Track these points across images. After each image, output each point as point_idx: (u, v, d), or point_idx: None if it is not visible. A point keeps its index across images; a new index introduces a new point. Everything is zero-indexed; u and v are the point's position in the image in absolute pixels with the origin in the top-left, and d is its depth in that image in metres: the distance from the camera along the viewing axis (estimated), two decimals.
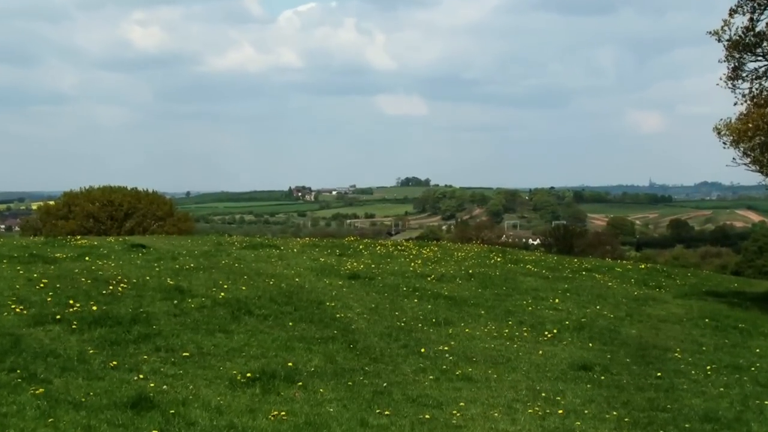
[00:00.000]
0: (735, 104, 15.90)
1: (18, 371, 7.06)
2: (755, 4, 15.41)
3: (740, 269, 47.41)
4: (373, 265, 16.14)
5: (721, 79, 15.76)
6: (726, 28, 15.54)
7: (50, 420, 6.00)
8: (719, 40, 15.67)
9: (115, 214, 28.57)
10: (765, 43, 15.44)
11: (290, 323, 10.11)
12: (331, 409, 6.91)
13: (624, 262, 25.47)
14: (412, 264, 16.90)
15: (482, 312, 12.24)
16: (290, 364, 8.14)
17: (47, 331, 8.50)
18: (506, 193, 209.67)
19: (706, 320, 13.08)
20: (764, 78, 15.67)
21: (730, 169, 15.83)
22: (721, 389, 8.65)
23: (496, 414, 7.20)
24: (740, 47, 15.52)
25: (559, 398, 7.86)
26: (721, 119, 15.77)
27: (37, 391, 6.55)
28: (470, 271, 16.29)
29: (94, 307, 9.50)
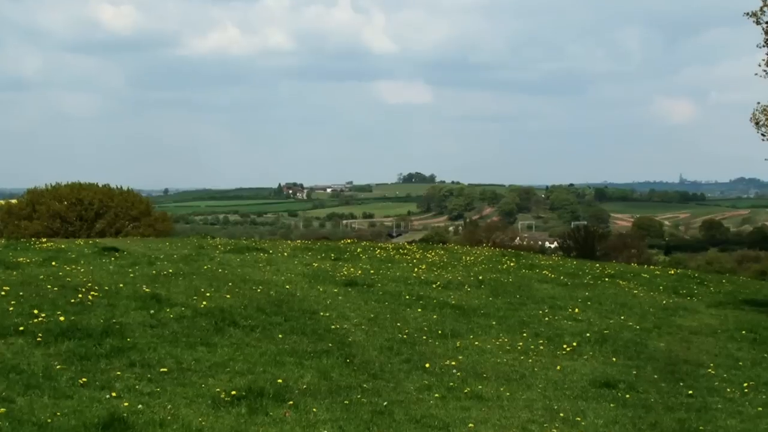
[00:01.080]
0: None
1: None
2: None
3: None
4: (372, 271, 16.18)
5: (759, 65, 15.74)
6: (765, 8, 15.52)
7: None
8: (758, 23, 15.65)
9: (85, 213, 28.57)
10: None
11: (280, 335, 10.12)
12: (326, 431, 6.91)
13: (651, 267, 25.50)
14: (416, 269, 16.93)
15: (493, 323, 12.25)
16: (280, 380, 8.15)
17: (9, 345, 8.50)
18: (520, 190, 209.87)
19: (743, 332, 13.08)
20: None
21: None
22: (760, 409, 8.65)
23: None
24: None
25: (579, 419, 7.86)
26: (759, 102, 15.73)
27: None
28: (480, 278, 16.32)
29: (62, 318, 9.50)
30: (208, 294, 11.88)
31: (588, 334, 11.81)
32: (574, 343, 11.19)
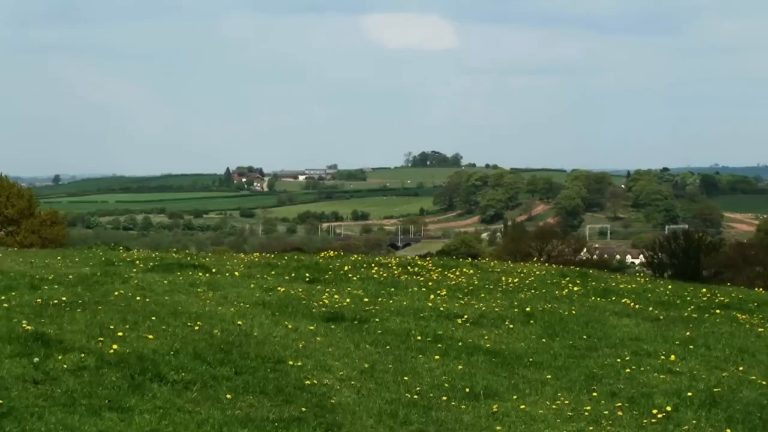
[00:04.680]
0: None
1: None
2: None
3: None
4: (366, 299, 16.18)
5: None
6: None
7: None
8: None
9: None
10: None
11: (228, 395, 10.13)
12: None
13: None
14: (432, 297, 16.94)
15: (548, 377, 12.27)
16: None
17: None
18: (587, 178, 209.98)
19: None
20: None
21: None
22: None
23: None
24: None
25: None
26: None
27: None
28: (528, 309, 16.32)
29: None
30: (120, 333, 11.88)
31: (690, 394, 11.82)
32: (669, 407, 11.21)
